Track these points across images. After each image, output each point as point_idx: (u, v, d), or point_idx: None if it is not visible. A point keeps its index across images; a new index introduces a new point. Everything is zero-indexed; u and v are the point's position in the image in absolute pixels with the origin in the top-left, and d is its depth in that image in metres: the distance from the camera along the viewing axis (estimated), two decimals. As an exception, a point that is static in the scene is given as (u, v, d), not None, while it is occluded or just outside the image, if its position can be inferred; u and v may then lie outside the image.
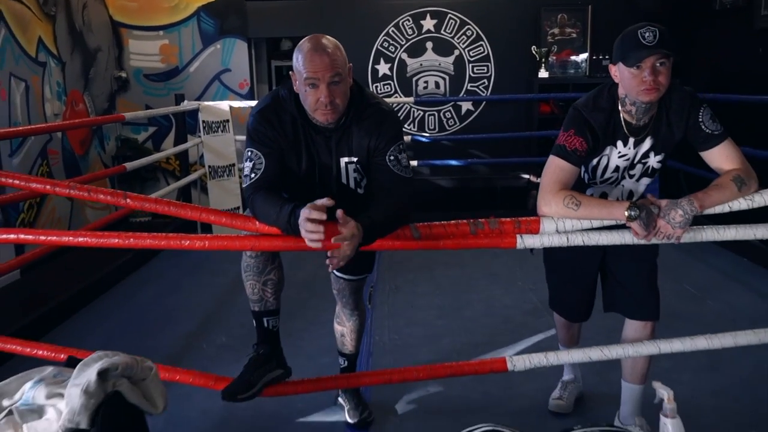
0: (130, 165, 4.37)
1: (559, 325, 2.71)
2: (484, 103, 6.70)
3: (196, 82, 6.61)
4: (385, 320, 3.84)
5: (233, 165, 5.75)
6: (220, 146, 5.67)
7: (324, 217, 1.80)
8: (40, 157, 5.10)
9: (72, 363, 1.76)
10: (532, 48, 6.41)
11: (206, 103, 5.76)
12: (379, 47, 6.66)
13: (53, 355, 2.28)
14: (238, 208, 5.71)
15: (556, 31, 6.54)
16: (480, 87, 6.72)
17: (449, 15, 6.62)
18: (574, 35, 6.52)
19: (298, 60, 1.99)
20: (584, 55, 6.48)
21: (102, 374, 1.60)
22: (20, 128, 4.39)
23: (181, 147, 5.58)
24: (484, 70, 6.69)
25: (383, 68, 6.67)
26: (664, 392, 1.67)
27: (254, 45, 6.88)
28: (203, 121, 5.56)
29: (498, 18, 6.61)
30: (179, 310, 4.16)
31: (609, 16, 6.34)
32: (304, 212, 1.78)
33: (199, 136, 5.74)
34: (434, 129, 6.76)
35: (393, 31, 6.65)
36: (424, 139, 6.49)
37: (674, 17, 6.25)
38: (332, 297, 2.71)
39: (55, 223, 5.25)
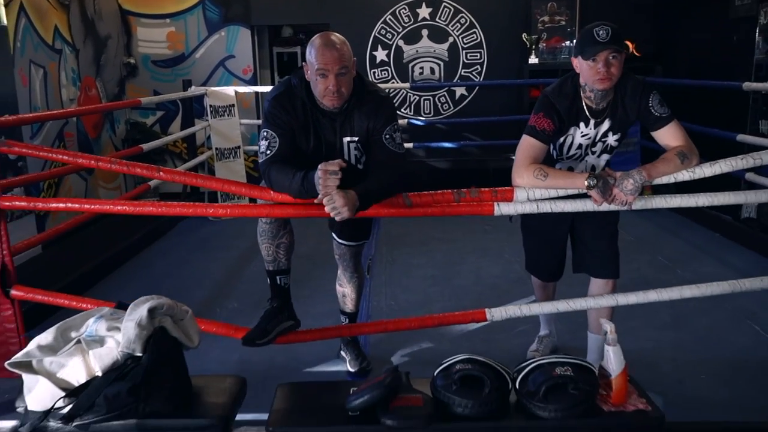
0: (146, 146, 4.72)
1: (536, 286, 3.09)
2: (477, 88, 7.06)
3: (202, 68, 6.95)
4: (383, 288, 4.22)
5: (239, 147, 6.11)
6: (227, 129, 6.03)
7: (338, 168, 2.16)
8: (57, 140, 5.46)
9: (121, 307, 2.14)
10: (523, 35, 6.75)
11: (213, 88, 6.11)
12: (376, 34, 7.00)
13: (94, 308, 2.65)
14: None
15: (546, 18, 6.88)
16: (473, 73, 7.07)
17: (444, 3, 6.95)
18: (564, 23, 6.86)
19: (311, 53, 2.34)
20: (573, 42, 6.83)
21: (151, 312, 1.98)
22: (59, 111, 4.87)
23: (191, 130, 5.93)
24: (477, 56, 7.03)
25: (381, 54, 7.01)
26: (607, 326, 2.04)
27: (257, 32, 7.20)
28: (210, 106, 5.92)
29: (490, 6, 6.95)
30: (192, 279, 4.54)
31: (597, 4, 6.68)
32: (321, 167, 2.15)
33: (206, 120, 6.10)
34: (429, 113, 7.12)
35: (390, 19, 6.98)
36: (419, 123, 6.85)
37: (658, 6, 6.59)
38: (333, 269, 3.08)
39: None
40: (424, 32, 7.01)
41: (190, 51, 6.94)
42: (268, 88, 7.03)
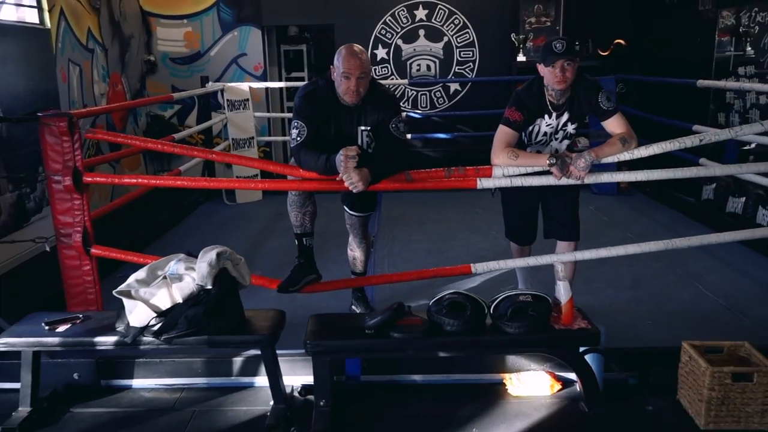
0: (178, 136, 5.38)
1: (514, 250, 3.77)
2: (470, 83, 7.76)
3: (216, 65, 7.63)
4: (385, 259, 4.92)
5: (252, 138, 6.80)
6: (242, 121, 6.71)
7: (357, 153, 2.84)
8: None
9: (189, 254, 2.83)
10: (512, 35, 7.45)
11: (230, 84, 6.79)
12: (377, 34, 7.68)
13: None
14: (257, 174, 6.75)
15: (533, 20, 7.58)
16: (466, 69, 7.76)
17: (439, 6, 7.64)
18: (549, 23, 7.56)
19: (338, 59, 3.01)
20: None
21: (218, 255, 2.67)
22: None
23: (211, 122, 6.61)
24: (469, 54, 7.73)
25: (381, 53, 7.70)
26: (558, 266, 2.74)
27: (266, 32, 7.87)
28: (227, 100, 6.59)
29: (482, 8, 7.64)
30: (218, 253, 5.22)
31: (579, 7, 7.39)
32: (342, 151, 2.83)
33: (223, 113, 6.78)
34: (426, 107, 7.82)
35: (390, 20, 7.67)
36: (416, 116, 7.54)
37: (634, 9, 7.30)
38: (341, 245, 3.76)
39: (101, 187, 6.28)
40: (421, 32, 7.69)
41: (205, 49, 7.61)
42: (278, 84, 7.77)
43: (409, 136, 7.13)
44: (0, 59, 4.66)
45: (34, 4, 5.36)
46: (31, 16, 5.34)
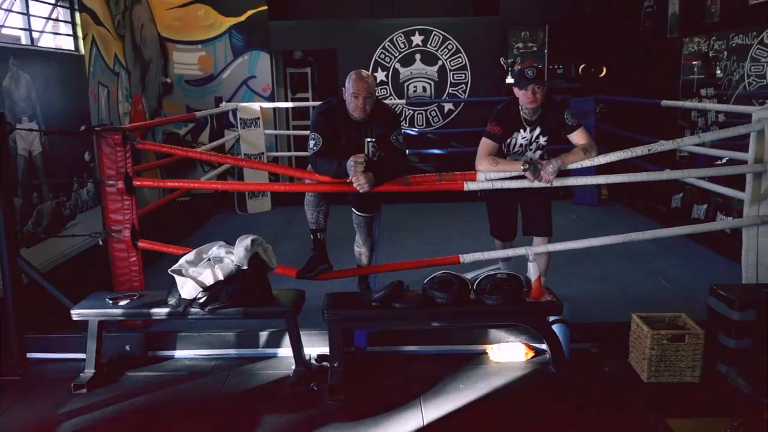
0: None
1: (498, 247, 4.42)
2: (463, 103, 8.47)
3: (228, 86, 8.32)
4: (385, 260, 5.54)
5: (263, 153, 7.47)
6: (253, 138, 7.38)
7: (364, 160, 3.50)
8: (116, 146, 6.79)
9: (227, 243, 3.47)
10: (501, 59, 8.17)
11: (243, 104, 7.48)
12: (376, 58, 8.40)
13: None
14: (266, 187, 7.43)
15: (520, 45, 8.31)
16: (459, 90, 8.48)
17: (434, 32, 8.37)
18: (535, 48, 8.29)
19: (349, 81, 3.67)
20: (543, 65, 8.25)
21: (252, 242, 3.32)
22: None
23: (225, 139, 7.29)
24: (462, 77, 8.45)
25: (380, 75, 8.40)
26: (530, 251, 3.39)
27: (274, 56, 8.58)
28: (240, 118, 7.27)
29: (474, 34, 8.38)
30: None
31: (561, 34, 8.13)
32: (352, 158, 3.48)
33: (235, 131, 7.45)
34: (422, 125, 8.52)
35: (388, 45, 8.39)
36: (413, 133, 8.23)
37: (609, 36, 8.04)
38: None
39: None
40: (417, 56, 8.42)
41: (218, 72, 8.31)
42: (285, 104, 8.47)
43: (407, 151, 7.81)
44: (43, 82, 5.34)
45: (71, 32, 6.06)
46: (68, 44, 6.04)
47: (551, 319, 3.45)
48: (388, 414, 3.07)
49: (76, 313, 3.35)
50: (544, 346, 3.64)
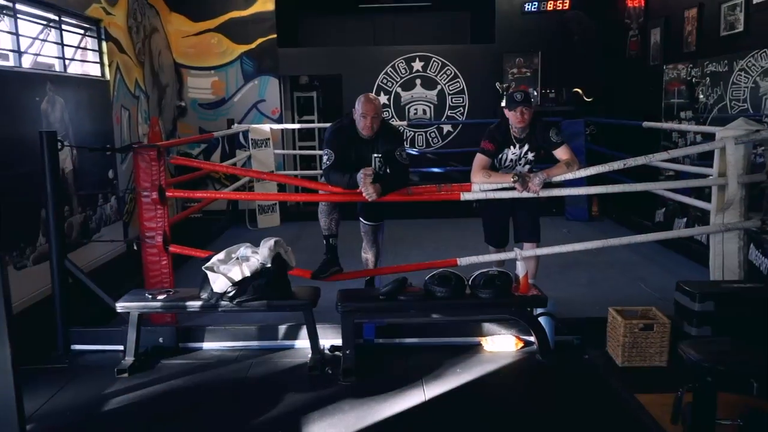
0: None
1: (492, 252, 4.93)
2: (461, 125, 9.04)
3: (239, 109, 8.89)
4: (389, 268, 6.05)
5: (272, 171, 7.99)
6: (263, 157, 7.92)
7: (372, 172, 4.02)
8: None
9: (252, 245, 3.98)
10: (496, 84, 8.75)
11: (254, 125, 8.04)
12: (379, 83, 8.99)
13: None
14: (275, 203, 7.96)
15: (515, 70, 8.90)
16: (457, 113, 9.05)
17: (433, 58, 8.97)
18: (528, 74, 8.88)
19: (358, 104, 4.20)
20: (536, 89, 8.84)
21: (275, 242, 3.82)
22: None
23: (236, 158, 7.83)
24: (460, 100, 9.02)
25: (383, 99, 8.98)
26: (518, 251, 3.90)
27: (282, 80, 9.17)
28: (252, 139, 7.82)
29: (471, 61, 8.98)
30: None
31: (553, 61, 8.72)
32: (362, 171, 4.00)
33: (246, 150, 7.99)
34: (422, 145, 9.08)
35: (390, 71, 8.98)
36: (414, 153, 8.78)
37: (599, 62, 8.63)
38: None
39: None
40: (418, 81, 9.01)
41: (229, 95, 8.89)
42: (292, 126, 9.02)
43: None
44: (74, 105, 5.89)
45: (98, 60, 6.63)
46: (95, 70, 6.60)
47: (538, 311, 3.94)
48: (395, 392, 3.55)
49: (121, 306, 3.85)
50: (532, 338, 4.13)
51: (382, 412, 3.36)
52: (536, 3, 8.83)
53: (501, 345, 4.12)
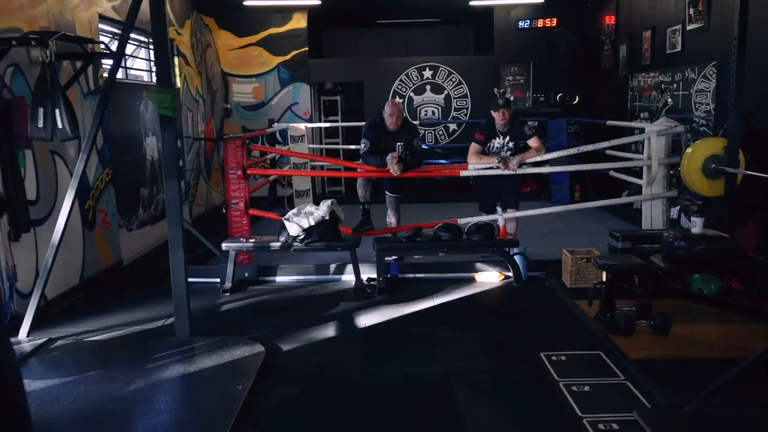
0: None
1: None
2: (464, 124, 10.92)
3: (276, 111, 10.80)
4: (406, 236, 7.92)
5: (307, 162, 9.88)
6: (299, 150, 9.80)
7: (397, 156, 5.90)
8: (197, 156, 9.25)
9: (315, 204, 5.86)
10: (495, 89, 10.61)
11: (292, 124, 9.93)
12: (395, 88, 10.88)
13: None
14: (309, 189, 9.84)
15: (510, 78, 10.78)
16: (461, 114, 10.93)
17: (441, 67, 10.86)
18: (522, 81, 10.76)
19: (387, 106, 6.08)
20: (528, 94, 10.71)
21: (331, 202, 5.70)
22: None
23: (285, 147, 9.71)
24: (464, 103, 10.91)
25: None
26: (500, 212, 5.76)
27: (312, 86, 11.06)
28: (290, 135, 9.72)
29: (473, 70, 10.87)
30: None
31: (543, 69, 10.60)
32: (389, 155, 5.88)
33: (282, 145, 9.87)
34: (431, 141, 10.96)
35: (404, 78, 10.88)
36: (424, 147, 10.62)
37: (579, 71, 10.51)
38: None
39: (199, 196, 9.34)
40: (428, 87, 10.90)
41: (268, 99, 10.80)
42: (321, 125, 10.92)
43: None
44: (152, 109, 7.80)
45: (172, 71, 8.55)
46: (169, 79, 8.51)
47: (513, 251, 5.81)
48: (414, 301, 5.42)
49: (226, 246, 5.75)
50: (510, 273, 5.98)
51: (406, 309, 5.24)
52: (529, 20, 10.71)
53: (488, 277, 5.99)
